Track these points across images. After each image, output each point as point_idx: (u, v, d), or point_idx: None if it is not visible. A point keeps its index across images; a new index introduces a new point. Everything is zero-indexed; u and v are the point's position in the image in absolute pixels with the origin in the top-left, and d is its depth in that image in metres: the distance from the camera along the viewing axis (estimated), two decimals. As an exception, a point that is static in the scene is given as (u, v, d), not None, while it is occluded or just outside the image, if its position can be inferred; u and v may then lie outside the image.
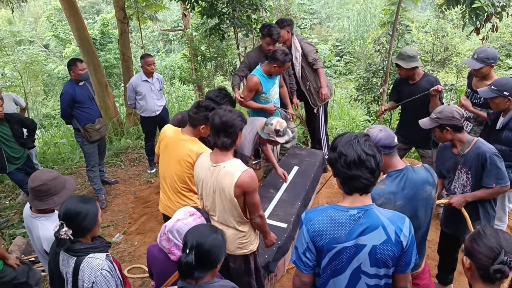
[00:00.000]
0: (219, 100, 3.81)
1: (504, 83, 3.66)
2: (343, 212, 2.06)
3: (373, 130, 2.78)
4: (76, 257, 2.43)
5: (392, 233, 2.03)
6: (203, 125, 3.39)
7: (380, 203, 2.68)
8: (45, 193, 2.85)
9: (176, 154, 3.43)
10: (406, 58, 4.57)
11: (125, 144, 7.75)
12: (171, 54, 22.79)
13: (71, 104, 5.40)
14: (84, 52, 8.43)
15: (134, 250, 4.84)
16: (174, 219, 2.55)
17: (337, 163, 2.05)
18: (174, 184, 3.50)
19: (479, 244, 1.90)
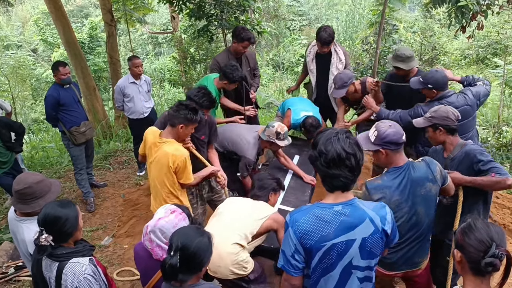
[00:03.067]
0: (197, 99, 3.80)
1: (429, 77, 4.02)
2: (328, 209, 2.05)
3: (382, 125, 2.80)
4: (59, 262, 2.39)
5: (379, 223, 2.05)
6: (182, 124, 3.38)
7: (376, 197, 2.72)
8: (30, 196, 2.80)
9: (154, 158, 3.44)
10: (405, 60, 4.58)
11: (114, 147, 7.71)
12: (160, 57, 22.71)
13: (55, 107, 5.36)
14: (71, 56, 8.37)
15: (123, 253, 4.81)
16: (156, 218, 2.54)
17: (317, 161, 2.03)
18: (157, 190, 3.53)
19: (470, 237, 1.89)
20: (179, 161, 3.34)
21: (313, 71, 5.60)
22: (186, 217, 2.58)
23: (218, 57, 5.40)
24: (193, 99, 3.77)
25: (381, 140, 2.75)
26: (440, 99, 3.98)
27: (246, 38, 5.12)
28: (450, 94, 3.99)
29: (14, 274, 4.67)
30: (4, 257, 4.90)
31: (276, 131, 4.29)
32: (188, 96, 3.88)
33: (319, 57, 5.54)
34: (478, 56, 16.11)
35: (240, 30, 5.16)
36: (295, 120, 5.14)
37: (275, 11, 15.02)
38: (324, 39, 5.20)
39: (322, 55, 5.47)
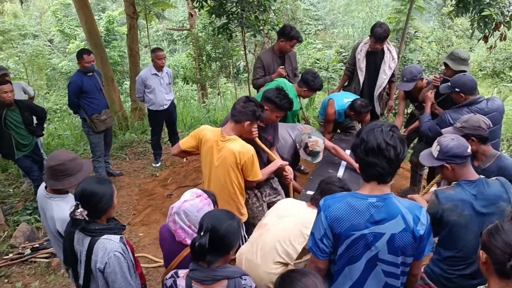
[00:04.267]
0: (278, 100, 3.66)
1: (456, 80, 3.91)
2: (362, 199, 2.07)
3: (444, 139, 2.73)
4: (91, 237, 2.44)
5: (410, 221, 2.04)
6: (249, 121, 3.24)
7: (447, 207, 2.65)
8: (62, 173, 2.84)
9: (218, 158, 3.27)
10: (456, 60, 4.50)
11: (130, 138, 7.77)
12: (175, 54, 22.82)
13: (78, 94, 5.45)
14: (92, 45, 8.44)
15: (139, 241, 4.85)
16: (181, 200, 2.56)
17: (357, 149, 2.07)
18: (222, 188, 3.35)
19: (496, 239, 1.89)
20: (246, 158, 3.21)
21: (363, 69, 5.48)
22: (211, 203, 2.60)
23: (262, 55, 5.38)
24: (273, 100, 3.65)
25: (444, 155, 2.69)
26: (470, 105, 3.86)
27: (295, 37, 5.10)
28: (480, 100, 3.87)
29: (30, 255, 4.73)
30: (21, 238, 4.96)
31: (306, 143, 4.16)
32: (267, 97, 3.70)
33: (370, 55, 5.44)
34: (495, 70, 16.02)
35: (288, 28, 5.12)
36: (340, 107, 5.00)
37: (293, 13, 15.07)
38: (379, 34, 5.13)
39: (373, 54, 5.39)
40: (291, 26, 5.18)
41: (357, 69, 5.56)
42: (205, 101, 13.10)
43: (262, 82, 5.23)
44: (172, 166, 6.66)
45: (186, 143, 3.44)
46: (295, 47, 5.54)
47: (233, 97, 13.45)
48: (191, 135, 3.45)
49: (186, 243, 2.52)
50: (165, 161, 6.80)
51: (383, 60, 5.39)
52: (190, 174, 6.25)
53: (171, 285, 2.22)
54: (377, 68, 5.45)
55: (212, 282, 2.14)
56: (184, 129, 8.76)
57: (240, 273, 2.24)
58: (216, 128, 3.42)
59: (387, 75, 5.43)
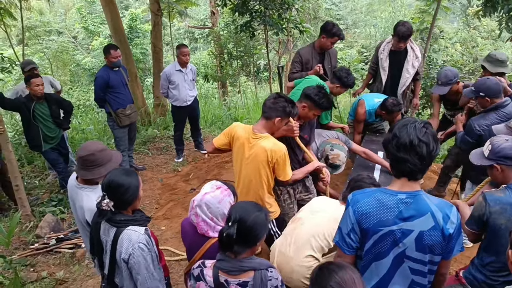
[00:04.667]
0: (318, 99, 3.59)
1: (480, 84, 3.84)
2: (392, 196, 2.06)
3: (497, 139, 2.69)
4: (116, 227, 2.48)
5: (440, 219, 2.01)
6: (279, 117, 3.20)
7: (494, 210, 2.60)
8: (92, 163, 2.91)
9: (250, 156, 3.26)
10: (494, 62, 4.44)
11: (152, 134, 7.86)
12: (196, 52, 22.97)
13: (104, 89, 5.55)
14: (117, 42, 8.55)
15: (161, 234, 4.90)
16: (202, 192, 2.58)
17: (389, 144, 2.05)
18: (252, 185, 3.33)
19: None
20: (277, 156, 3.18)
21: (386, 68, 5.47)
22: (231, 194, 2.61)
23: (301, 50, 5.33)
24: (312, 98, 3.59)
25: (495, 155, 2.65)
26: (496, 109, 3.79)
27: (337, 34, 5.03)
28: (506, 104, 3.79)
29: (55, 245, 4.83)
30: (47, 228, 5.07)
31: (327, 155, 4.11)
32: (307, 95, 3.63)
33: (393, 55, 5.42)
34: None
35: (331, 25, 5.04)
36: (371, 107, 4.98)
37: (315, 12, 15.03)
38: (402, 33, 5.10)
39: (396, 53, 5.37)
40: (333, 23, 5.10)
41: (380, 68, 5.54)
42: (226, 99, 13.16)
43: (298, 77, 5.17)
44: (194, 162, 6.72)
45: (219, 141, 3.45)
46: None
47: (253, 95, 13.49)
48: (224, 133, 3.46)
49: (208, 235, 2.55)
50: (187, 157, 6.87)
51: (406, 59, 5.34)
52: (212, 170, 6.30)
53: (198, 274, 2.25)
54: (400, 67, 5.41)
55: (239, 272, 2.16)
56: (205, 126, 8.83)
57: (267, 265, 2.25)
58: (247, 125, 3.42)
59: (410, 74, 5.39)
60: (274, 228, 3.47)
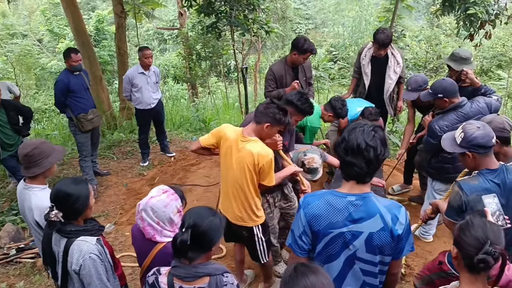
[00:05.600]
0: (300, 104, 3.62)
1: (437, 86, 3.89)
2: (342, 198, 2.07)
3: (470, 127, 2.67)
4: (67, 238, 2.44)
5: (389, 221, 2.03)
6: (269, 124, 3.16)
7: (472, 198, 2.63)
8: (38, 156, 2.92)
9: (237, 158, 3.23)
10: (458, 60, 4.48)
11: (118, 137, 7.74)
12: (165, 53, 22.76)
13: (65, 93, 5.43)
14: (80, 45, 8.38)
15: (125, 240, 4.84)
16: (148, 196, 2.55)
17: (338, 147, 2.07)
18: (238, 188, 3.30)
19: (466, 234, 1.92)
20: (264, 161, 3.14)
21: (368, 74, 5.44)
22: (178, 198, 2.58)
23: (273, 67, 5.20)
24: (295, 104, 3.61)
25: (468, 143, 2.65)
26: (454, 109, 3.86)
27: (309, 50, 4.90)
28: (464, 104, 3.86)
29: (15, 255, 4.70)
30: (6, 238, 4.93)
31: (302, 161, 4.09)
32: (289, 100, 3.65)
33: (375, 60, 5.40)
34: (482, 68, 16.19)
35: (302, 41, 4.89)
36: (352, 116, 4.97)
37: (283, 12, 15.10)
38: (382, 40, 5.08)
39: (378, 58, 5.34)
40: (304, 38, 4.98)
41: (362, 73, 5.54)
42: (195, 100, 13.08)
43: (275, 95, 5.08)
44: (159, 165, 6.64)
45: (206, 140, 3.40)
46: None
47: (224, 96, 13.45)
48: (212, 133, 3.42)
49: (155, 240, 2.51)
50: (152, 160, 6.79)
51: (387, 65, 5.34)
52: (178, 173, 6.24)
53: (153, 282, 2.22)
54: (382, 73, 5.39)
55: (193, 279, 2.14)
56: (173, 128, 8.75)
57: (222, 270, 2.24)
58: (237, 127, 3.38)
59: (393, 80, 5.38)
60: (259, 234, 3.43)
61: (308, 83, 5.38)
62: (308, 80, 5.36)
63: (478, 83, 4.28)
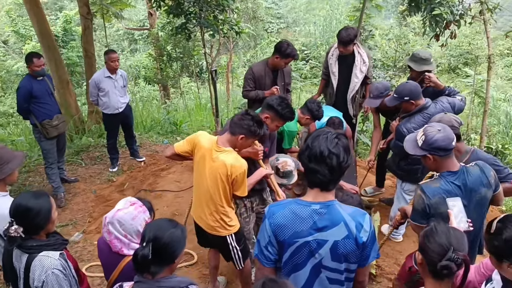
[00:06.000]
0: (280, 109, 3.54)
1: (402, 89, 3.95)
2: (306, 206, 2.06)
3: (431, 129, 2.69)
4: (28, 254, 2.35)
5: (353, 228, 2.03)
6: (243, 135, 3.14)
7: (434, 201, 2.66)
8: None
9: (210, 168, 3.19)
10: (418, 61, 4.53)
11: (86, 142, 7.56)
12: (136, 53, 22.44)
13: (28, 99, 5.26)
14: (45, 48, 8.17)
15: (94, 249, 4.71)
16: (115, 209, 2.49)
17: (302, 155, 2.06)
18: (211, 198, 3.27)
19: (430, 241, 1.95)
20: (238, 173, 3.13)
21: (335, 73, 5.45)
22: (147, 210, 2.54)
23: (254, 67, 5.18)
24: (275, 108, 3.53)
25: (428, 146, 2.67)
26: (420, 111, 3.92)
27: (291, 55, 4.92)
28: (428, 105, 3.94)
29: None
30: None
31: (276, 166, 4.08)
32: (270, 105, 3.57)
33: (342, 59, 5.41)
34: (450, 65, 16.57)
35: (285, 45, 4.90)
36: (319, 125, 4.98)
37: (254, 12, 15.08)
38: (342, 38, 5.10)
39: (345, 57, 5.35)
40: (288, 43, 4.98)
41: (330, 73, 5.55)
42: (166, 101, 12.94)
43: (253, 96, 5.11)
44: (129, 171, 6.52)
45: (181, 147, 3.35)
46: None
47: (196, 96, 13.34)
48: (187, 140, 3.36)
49: (122, 253, 2.45)
50: (122, 166, 6.65)
51: (354, 64, 5.35)
52: (147, 179, 6.14)
53: (116, 298, 2.17)
54: (349, 72, 5.41)
55: None
56: (143, 131, 8.61)
57: (187, 283, 2.19)
58: (213, 136, 3.34)
59: (358, 79, 5.40)
60: (233, 243, 3.40)
61: (286, 89, 5.39)
62: (286, 86, 5.37)
63: (442, 85, 4.35)
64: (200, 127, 9.28)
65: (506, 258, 1.89)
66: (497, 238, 1.92)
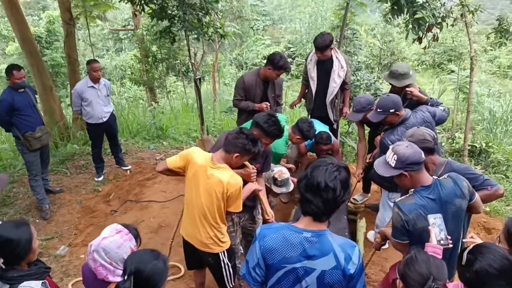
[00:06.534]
0: (267, 127, 3.55)
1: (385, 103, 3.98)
2: (297, 233, 2.08)
3: (399, 148, 2.74)
4: (9, 285, 2.33)
5: (342, 260, 2.04)
6: (237, 154, 3.18)
7: (411, 218, 2.70)
8: None
9: (205, 185, 3.20)
10: (398, 77, 4.56)
11: (72, 150, 7.48)
12: (121, 53, 22.25)
13: (9, 112, 5.19)
14: (27, 53, 8.06)
15: (80, 263, 4.68)
16: (100, 237, 2.50)
17: (300, 183, 2.07)
18: (205, 215, 3.26)
19: (410, 269, 2.00)
20: (233, 189, 3.16)
21: (314, 78, 5.52)
22: (133, 238, 2.55)
23: (246, 77, 5.19)
24: (261, 126, 3.55)
25: (402, 163, 2.71)
26: (402, 122, 3.97)
27: (284, 67, 4.96)
28: (409, 116, 3.98)
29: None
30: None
31: (273, 177, 4.12)
32: (256, 122, 3.60)
33: (320, 64, 5.48)
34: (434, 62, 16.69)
35: (278, 58, 4.93)
36: (308, 143, 5.07)
37: (239, 11, 15.02)
38: (317, 44, 5.17)
39: (323, 62, 5.41)
40: (280, 55, 5.00)
41: (309, 78, 5.61)
42: (152, 104, 12.85)
43: (243, 106, 5.11)
44: (115, 180, 6.47)
45: (174, 163, 3.34)
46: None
47: (182, 97, 13.25)
48: (180, 156, 3.35)
49: (108, 280, 2.46)
50: (108, 175, 6.60)
51: (332, 69, 5.41)
52: (133, 189, 6.10)
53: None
54: (328, 76, 5.47)
55: None
56: (129, 136, 8.55)
57: None
58: (207, 153, 3.34)
59: (337, 83, 5.46)
60: (225, 259, 3.43)
61: (276, 102, 5.41)
62: (277, 98, 5.39)
63: (424, 97, 4.40)
64: (187, 130, 9.24)
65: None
66: (468, 270, 1.96)
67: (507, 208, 6.09)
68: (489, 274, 1.89)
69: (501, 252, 1.95)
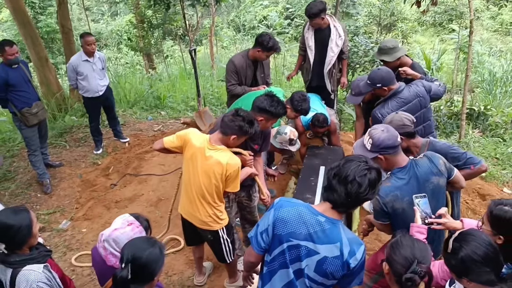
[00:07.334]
0: (273, 109, 3.54)
1: (373, 76, 4.03)
2: (313, 214, 2.13)
3: (375, 132, 2.76)
4: (12, 268, 2.41)
5: (346, 253, 2.09)
6: (235, 136, 3.21)
7: (388, 200, 2.74)
8: None
9: (203, 166, 3.24)
10: (388, 51, 4.53)
11: (70, 122, 7.50)
12: (117, 17, 21.80)
13: (4, 88, 5.17)
14: (19, 24, 7.93)
15: (82, 237, 4.80)
16: (112, 228, 2.55)
17: (331, 169, 2.12)
18: (204, 195, 3.32)
19: (395, 253, 2.07)
20: (232, 170, 3.21)
21: (312, 47, 5.49)
22: (143, 230, 2.59)
23: (235, 60, 5.11)
24: (268, 110, 3.53)
25: (377, 147, 2.74)
26: (393, 96, 3.96)
27: (274, 48, 4.92)
28: (402, 89, 3.97)
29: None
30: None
31: (289, 138, 4.20)
32: (261, 108, 3.56)
33: (318, 33, 5.44)
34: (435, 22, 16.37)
35: (267, 39, 4.86)
36: (305, 122, 5.10)
37: (235, -27, 14.64)
38: (308, 11, 5.18)
39: (321, 31, 5.39)
40: (269, 36, 4.92)
41: (306, 47, 5.57)
42: (150, 71, 12.73)
43: (239, 92, 5.04)
44: (113, 153, 6.52)
45: (170, 143, 3.38)
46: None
47: (181, 61, 13.06)
48: (177, 136, 3.39)
49: (117, 267, 2.52)
50: (106, 147, 6.64)
51: (330, 38, 5.37)
52: (132, 162, 6.15)
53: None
54: (325, 46, 5.44)
55: None
56: (127, 106, 8.53)
57: None
58: (204, 134, 3.38)
59: (334, 53, 5.43)
60: (225, 235, 3.52)
61: (265, 80, 5.37)
62: (266, 77, 5.36)
63: (418, 75, 4.37)
64: (184, 98, 9.20)
65: (464, 275, 1.99)
66: (454, 257, 2.01)
67: (503, 172, 6.13)
68: (474, 261, 1.95)
69: (486, 239, 2.00)
